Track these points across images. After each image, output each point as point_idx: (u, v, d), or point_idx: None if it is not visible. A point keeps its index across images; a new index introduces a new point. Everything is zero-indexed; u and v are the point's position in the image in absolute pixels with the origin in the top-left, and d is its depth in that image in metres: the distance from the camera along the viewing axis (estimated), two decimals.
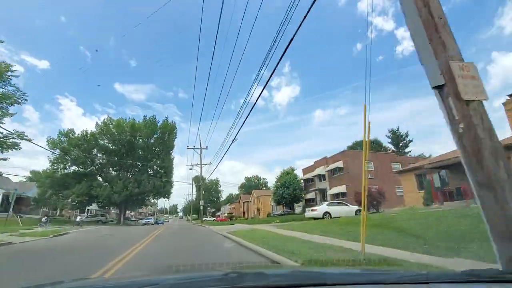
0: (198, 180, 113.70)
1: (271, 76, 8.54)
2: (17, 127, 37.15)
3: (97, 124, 40.48)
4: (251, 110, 38.54)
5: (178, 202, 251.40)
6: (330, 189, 34.53)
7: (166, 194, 44.52)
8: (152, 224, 55.66)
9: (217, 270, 2.24)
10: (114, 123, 40.56)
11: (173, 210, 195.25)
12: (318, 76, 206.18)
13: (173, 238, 15.16)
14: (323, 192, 36.81)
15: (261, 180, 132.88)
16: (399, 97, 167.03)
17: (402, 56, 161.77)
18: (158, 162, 41.82)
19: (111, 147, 41.28)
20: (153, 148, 43.45)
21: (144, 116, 42.62)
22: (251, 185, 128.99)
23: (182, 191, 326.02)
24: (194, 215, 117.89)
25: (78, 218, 37.02)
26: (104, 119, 40.35)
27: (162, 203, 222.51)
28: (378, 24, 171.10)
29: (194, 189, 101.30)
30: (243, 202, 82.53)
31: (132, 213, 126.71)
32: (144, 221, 56.43)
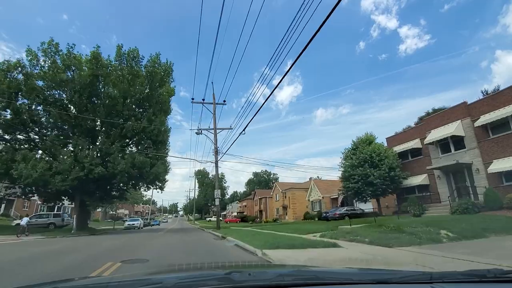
0: (201, 175, 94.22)
1: (280, 82, 9.68)
2: None
3: (29, 52, 22.15)
4: (263, 103, 20.74)
5: (179, 201, 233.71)
6: (490, 162, 16.40)
7: (156, 180, 25.94)
8: (139, 228, 37.11)
9: (220, 269, 2.12)
10: (61, 55, 22.35)
11: (173, 209, 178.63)
12: (320, 75, 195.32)
13: None
14: (458, 171, 18.57)
15: (272, 176, 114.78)
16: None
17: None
18: (141, 124, 23.46)
19: (56, 95, 23.03)
20: (133, 102, 25.09)
21: (119, 46, 24.28)
22: (260, 181, 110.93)
23: (183, 188, 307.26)
24: (197, 215, 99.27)
25: (23, 221, 19.71)
26: (44, 44, 22.20)
27: (159, 199, 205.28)
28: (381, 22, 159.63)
29: (196, 185, 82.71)
30: (260, 199, 64.30)
31: (127, 212, 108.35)
32: (127, 223, 38.16)
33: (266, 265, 4.95)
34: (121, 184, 24.06)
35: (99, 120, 22.85)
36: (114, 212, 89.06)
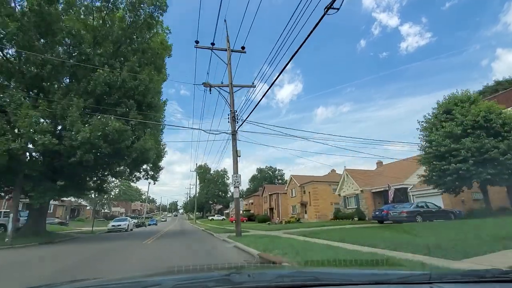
0: (202, 170, 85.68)
1: (276, 78, 9.22)
2: None
3: None
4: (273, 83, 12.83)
5: (179, 199, 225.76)
6: None
7: (143, 161, 17.47)
8: (126, 230, 29.04)
9: (219, 271, 2.01)
10: None
11: (173, 208, 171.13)
12: (321, 73, 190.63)
13: None
14: None
15: (277, 172, 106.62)
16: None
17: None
18: (119, 73, 15.19)
19: None
20: (108, 47, 16.81)
21: None
22: (265, 177, 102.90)
23: (183, 186, 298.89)
24: (197, 213, 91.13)
25: None
26: None
27: (157, 196, 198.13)
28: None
29: (197, 181, 74.44)
30: (270, 195, 56.03)
31: (123, 210, 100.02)
32: (111, 224, 29.99)
33: (266, 266, 4.73)
34: (88, 167, 15.66)
35: (52, 67, 14.51)
36: (108, 211, 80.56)
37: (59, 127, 15.21)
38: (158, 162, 22.05)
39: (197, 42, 16.07)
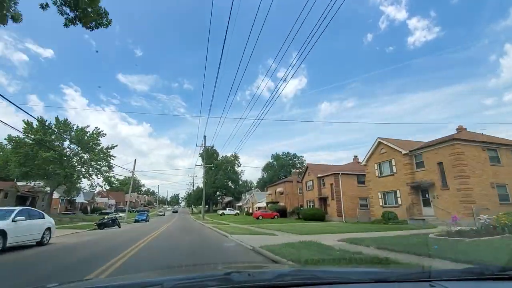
0: (207, 155, 65.04)
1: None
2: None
3: None
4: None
5: (180, 192, 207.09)
6: None
7: None
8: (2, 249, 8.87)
9: (219, 270, 2.06)
10: None
11: (174, 201, 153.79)
12: (326, 68, 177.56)
13: None
14: None
15: (297, 158, 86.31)
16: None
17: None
18: None
19: None
20: None
21: None
22: (283, 165, 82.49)
23: (185, 180, 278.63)
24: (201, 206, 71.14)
25: None
26: None
27: (154, 188, 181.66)
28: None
29: (201, 175, 54.46)
30: (320, 178, 35.82)
31: (113, 202, 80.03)
32: None
33: (266, 265, 4.73)
34: None
35: None
36: (86, 201, 60.50)
37: None
38: None
39: None
